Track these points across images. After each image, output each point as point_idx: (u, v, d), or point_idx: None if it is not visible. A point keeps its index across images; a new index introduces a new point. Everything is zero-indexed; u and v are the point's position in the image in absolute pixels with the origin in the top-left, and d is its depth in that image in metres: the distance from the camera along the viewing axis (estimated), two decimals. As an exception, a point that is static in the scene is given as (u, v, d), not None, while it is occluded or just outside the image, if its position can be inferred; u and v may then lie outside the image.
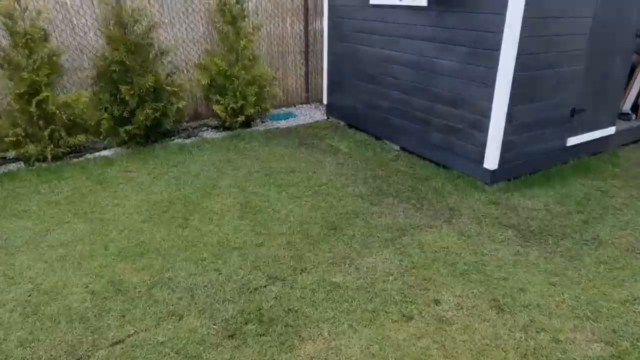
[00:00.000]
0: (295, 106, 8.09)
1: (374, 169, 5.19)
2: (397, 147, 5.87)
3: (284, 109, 7.94)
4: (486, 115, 4.46)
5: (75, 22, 6.00)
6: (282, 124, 7.13)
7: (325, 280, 3.21)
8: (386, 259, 3.46)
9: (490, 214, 4.14)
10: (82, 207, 4.29)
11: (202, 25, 6.74)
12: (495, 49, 4.23)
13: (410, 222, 3.99)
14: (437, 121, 5.09)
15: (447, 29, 4.71)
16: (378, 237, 3.76)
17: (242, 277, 3.26)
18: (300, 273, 3.30)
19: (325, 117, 7.35)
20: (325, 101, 7.25)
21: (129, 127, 5.71)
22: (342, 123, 6.95)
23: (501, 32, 4.11)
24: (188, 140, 6.25)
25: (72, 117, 5.51)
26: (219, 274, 3.30)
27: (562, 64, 4.54)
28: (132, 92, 5.58)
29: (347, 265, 3.38)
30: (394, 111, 5.72)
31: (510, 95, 4.27)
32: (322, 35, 7.77)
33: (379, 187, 4.70)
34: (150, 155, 5.62)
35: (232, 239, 3.74)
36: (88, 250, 3.60)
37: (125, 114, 5.70)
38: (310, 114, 7.61)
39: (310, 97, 8.20)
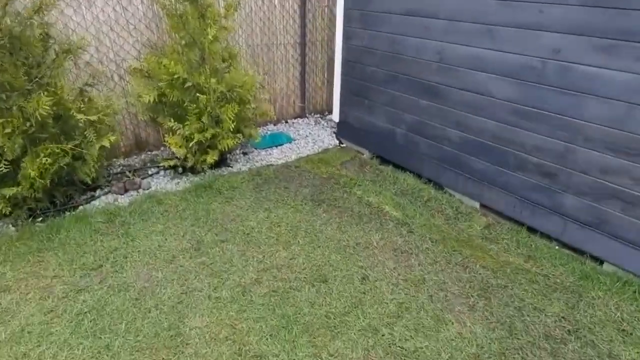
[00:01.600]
0: (286, 122, 5.61)
1: (468, 264, 2.89)
2: (475, 205, 3.62)
3: (272, 126, 5.47)
4: None
5: None
6: (275, 155, 4.67)
7: None
8: None
9: None
10: None
11: (143, 2, 4.12)
12: None
13: None
14: (577, 177, 2.86)
15: (624, 12, 2.44)
16: None
17: None
18: None
19: (337, 142, 4.97)
20: (336, 117, 4.85)
21: (8, 191, 3.11)
22: (367, 154, 4.59)
23: None
24: (124, 200, 3.70)
25: None
26: None
27: None
28: (7, 131, 2.97)
29: None
30: (475, 147, 3.44)
31: None
32: (324, 19, 5.32)
33: (506, 324, 2.41)
34: (52, 243, 3.07)
35: None
36: None
37: (2, 166, 3.09)
38: (313, 136, 5.17)
39: (307, 107, 5.75)
